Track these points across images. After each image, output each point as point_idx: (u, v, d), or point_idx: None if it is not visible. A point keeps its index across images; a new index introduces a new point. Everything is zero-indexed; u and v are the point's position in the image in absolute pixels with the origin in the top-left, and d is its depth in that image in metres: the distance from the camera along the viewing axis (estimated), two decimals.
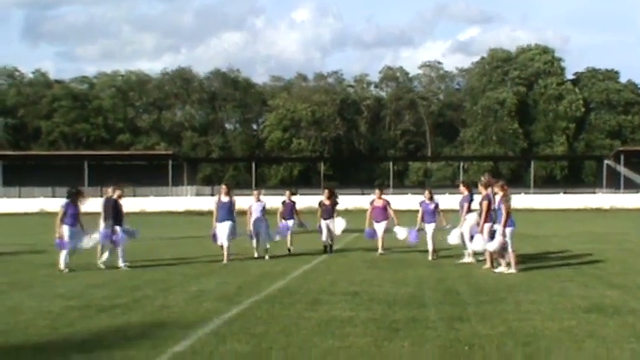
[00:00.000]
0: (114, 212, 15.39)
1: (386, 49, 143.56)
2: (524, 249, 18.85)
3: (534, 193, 65.18)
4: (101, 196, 19.97)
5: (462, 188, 16.49)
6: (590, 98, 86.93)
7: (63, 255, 14.50)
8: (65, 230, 14.69)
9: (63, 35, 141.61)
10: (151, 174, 69.11)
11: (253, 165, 72.23)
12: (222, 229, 15.78)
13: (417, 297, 10.40)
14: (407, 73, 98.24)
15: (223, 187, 16.34)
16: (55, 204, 63.79)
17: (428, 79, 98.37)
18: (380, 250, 17.44)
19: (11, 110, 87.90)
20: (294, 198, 19.12)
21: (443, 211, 17.40)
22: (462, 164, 77.42)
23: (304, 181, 77.96)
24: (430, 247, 16.53)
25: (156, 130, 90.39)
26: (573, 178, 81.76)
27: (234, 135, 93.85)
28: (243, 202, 18.60)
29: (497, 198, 14.06)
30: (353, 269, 14.29)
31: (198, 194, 68.22)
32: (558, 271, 13.58)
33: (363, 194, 49.53)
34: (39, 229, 33.32)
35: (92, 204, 16.04)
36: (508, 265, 13.59)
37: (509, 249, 13.62)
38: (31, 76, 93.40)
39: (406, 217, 19.49)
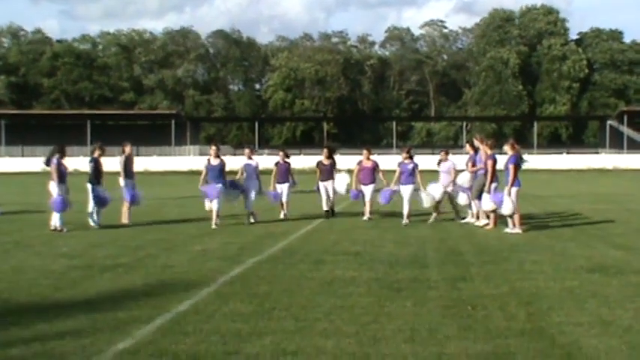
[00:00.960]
0: (95, 172, 15.33)
1: (389, 8, 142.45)
2: (528, 209, 18.84)
3: (538, 153, 65.04)
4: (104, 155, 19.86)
5: (467, 147, 16.20)
6: (594, 59, 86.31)
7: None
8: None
9: None
10: (154, 133, 69.10)
11: (256, 125, 72.05)
12: (212, 192, 15.04)
13: (420, 257, 10.40)
14: (411, 33, 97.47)
15: (213, 148, 15.45)
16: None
17: (431, 39, 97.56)
18: (366, 216, 16.20)
19: (13, 69, 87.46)
20: (292, 158, 18.40)
21: (422, 172, 16.12)
22: (465, 124, 77.11)
23: (308, 141, 77.85)
24: (405, 211, 15.26)
25: (159, 89, 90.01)
26: (576, 139, 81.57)
27: (237, 95, 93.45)
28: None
29: (506, 158, 13.94)
30: (355, 229, 14.28)
31: (201, 154, 68.18)
32: (561, 232, 13.57)
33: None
34: (41, 189, 33.37)
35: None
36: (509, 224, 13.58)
37: (514, 209, 13.54)
38: (31, 34, 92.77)
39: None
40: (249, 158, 16.00)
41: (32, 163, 62.11)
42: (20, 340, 5.88)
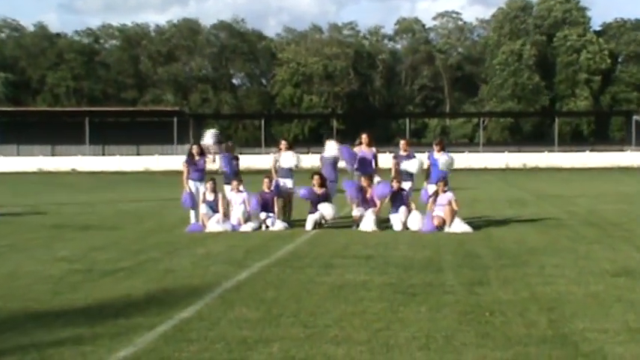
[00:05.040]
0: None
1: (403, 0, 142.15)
2: (548, 210, 18.78)
3: (559, 151, 64.84)
4: (103, 154, 19.89)
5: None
6: (618, 50, 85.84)
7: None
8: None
9: None
10: (155, 131, 69.23)
11: (262, 122, 72.09)
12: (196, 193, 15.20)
13: (435, 260, 10.37)
14: (423, 25, 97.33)
15: (195, 147, 15.81)
16: (55, 163, 64.11)
17: (445, 31, 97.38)
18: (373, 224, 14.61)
19: (11, 65, 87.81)
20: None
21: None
22: (481, 120, 76.92)
23: (316, 139, 77.86)
24: (403, 214, 14.51)
25: (164, 84, 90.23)
26: (600, 135, 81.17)
27: (244, 91, 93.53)
28: (251, 160, 18.27)
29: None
30: (367, 232, 14.24)
31: None
32: (584, 233, 13.51)
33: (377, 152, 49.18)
34: (38, 189, 33.53)
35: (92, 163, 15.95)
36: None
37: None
38: (32, 28, 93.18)
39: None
40: (238, 191, 15.20)
41: (28, 162, 62.48)
42: (17, 347, 5.90)
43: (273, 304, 7.46)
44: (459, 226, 13.87)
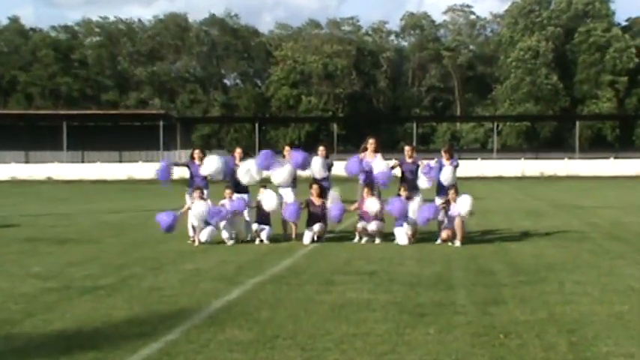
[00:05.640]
0: None
1: None
2: (568, 221, 18.78)
3: (580, 158, 64.86)
4: (82, 161, 19.89)
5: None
6: None
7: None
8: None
9: None
10: (139, 136, 69.24)
11: (256, 126, 72.14)
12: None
13: (445, 277, 10.36)
14: (432, 20, 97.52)
15: (197, 151, 15.74)
16: (29, 171, 63.93)
17: (456, 27, 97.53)
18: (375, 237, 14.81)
19: None
20: None
21: None
22: (495, 125, 76.97)
23: (315, 145, 77.87)
24: (408, 227, 14.44)
25: (148, 85, 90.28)
26: (625, 140, 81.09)
27: (237, 91, 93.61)
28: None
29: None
30: (370, 245, 14.23)
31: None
32: (607, 247, 13.51)
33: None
34: (11, 199, 33.51)
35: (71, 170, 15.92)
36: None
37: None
38: (6, 22, 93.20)
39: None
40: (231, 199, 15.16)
41: (0, 170, 62.41)
42: None
43: (268, 325, 7.44)
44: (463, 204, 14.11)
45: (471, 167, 54.49)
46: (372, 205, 14.54)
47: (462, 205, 14.08)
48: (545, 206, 25.15)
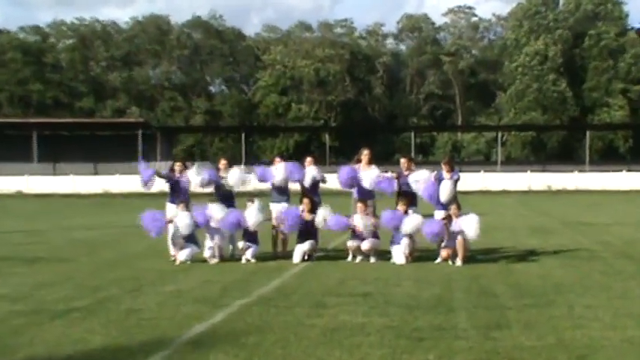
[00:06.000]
0: None
1: None
2: (578, 239, 18.81)
3: (590, 170, 64.99)
4: (54, 174, 19.85)
5: None
6: None
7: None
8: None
9: None
10: (116, 146, 69.08)
11: (243, 136, 72.16)
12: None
13: (445, 299, 10.37)
14: (432, 23, 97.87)
15: (178, 164, 15.85)
16: None
17: (457, 30, 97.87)
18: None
19: None
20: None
21: None
22: (499, 135, 77.10)
23: (303, 156, 77.85)
24: (405, 245, 14.47)
25: (126, 92, 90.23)
26: (638, 152, 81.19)
27: (221, 98, 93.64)
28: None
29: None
30: (365, 264, 14.24)
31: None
32: (620, 268, 13.53)
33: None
34: None
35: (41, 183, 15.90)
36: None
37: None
38: None
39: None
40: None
41: None
42: None
43: (255, 351, 7.45)
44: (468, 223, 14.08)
45: (473, 180, 54.59)
46: (360, 221, 14.55)
47: (468, 227, 14.09)
48: (552, 223, 25.19)
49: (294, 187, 16.08)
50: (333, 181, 15.81)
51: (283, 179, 15.49)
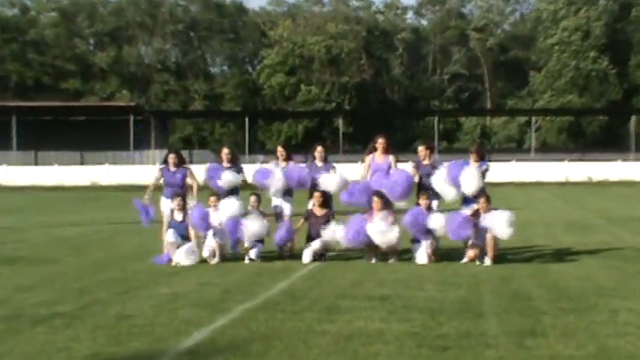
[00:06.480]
0: None
1: None
2: (622, 237, 18.76)
3: (635, 159, 64.76)
4: (36, 164, 19.97)
5: None
6: None
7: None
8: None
9: None
10: (105, 133, 69.08)
11: (247, 121, 72.12)
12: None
13: (472, 303, 10.36)
14: None
15: (172, 156, 15.76)
16: None
17: (485, 2, 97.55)
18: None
19: None
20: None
21: None
22: (532, 120, 76.85)
23: (314, 144, 77.70)
24: (428, 244, 14.49)
25: (115, 73, 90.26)
26: None
27: (222, 80, 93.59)
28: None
29: None
30: (382, 265, 14.23)
31: None
32: None
33: (397, 161, 48.78)
34: None
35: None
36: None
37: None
38: None
39: None
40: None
41: None
42: None
43: None
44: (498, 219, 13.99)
45: (504, 170, 54.44)
46: (377, 230, 14.43)
47: (498, 224, 13.95)
48: (593, 218, 25.15)
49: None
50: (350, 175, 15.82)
51: (282, 188, 15.49)
